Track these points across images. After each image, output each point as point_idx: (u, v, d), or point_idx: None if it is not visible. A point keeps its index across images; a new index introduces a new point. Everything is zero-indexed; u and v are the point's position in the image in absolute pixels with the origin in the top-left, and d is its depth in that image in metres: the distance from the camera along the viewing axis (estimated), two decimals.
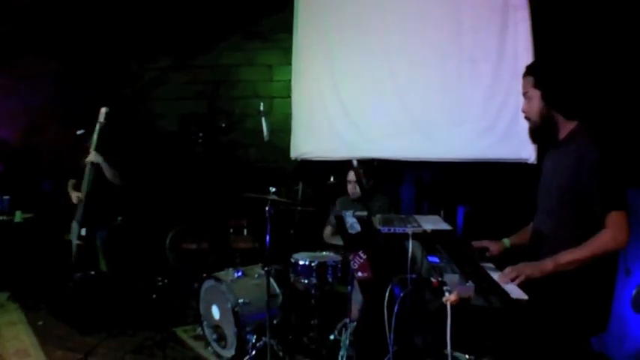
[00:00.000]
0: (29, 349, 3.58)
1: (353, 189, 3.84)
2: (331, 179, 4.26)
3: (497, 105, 3.42)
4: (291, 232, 4.27)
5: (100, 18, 5.46)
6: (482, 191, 3.71)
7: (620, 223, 1.84)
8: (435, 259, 1.94)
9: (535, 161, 3.19)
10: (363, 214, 2.10)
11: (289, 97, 5.01)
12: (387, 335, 1.94)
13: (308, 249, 3.76)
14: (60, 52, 5.47)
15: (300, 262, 3.41)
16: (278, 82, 5.57)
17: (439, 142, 3.70)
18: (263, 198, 3.32)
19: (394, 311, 1.86)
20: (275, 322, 3.40)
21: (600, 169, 1.86)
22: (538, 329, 1.92)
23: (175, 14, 5.56)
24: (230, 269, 3.61)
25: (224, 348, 3.44)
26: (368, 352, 2.98)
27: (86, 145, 4.06)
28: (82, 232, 4.04)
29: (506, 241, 2.30)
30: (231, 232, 4.92)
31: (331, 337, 3.40)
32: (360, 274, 2.20)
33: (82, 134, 4.07)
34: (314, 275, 3.37)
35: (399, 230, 1.97)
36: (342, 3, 4.36)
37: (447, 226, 2.07)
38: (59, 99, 5.43)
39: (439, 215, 2.57)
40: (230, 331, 3.36)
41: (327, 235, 4.04)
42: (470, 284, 1.68)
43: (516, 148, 3.29)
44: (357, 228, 2.09)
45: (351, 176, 3.82)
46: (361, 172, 3.70)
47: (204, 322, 3.61)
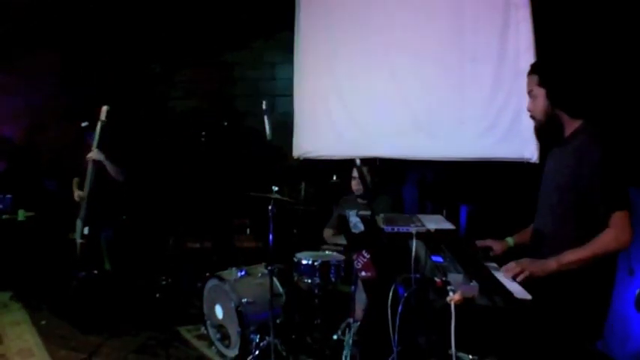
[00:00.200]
0: (33, 348, 3.58)
1: (357, 185, 3.83)
2: (334, 178, 4.26)
3: (499, 104, 3.42)
4: (294, 231, 4.26)
5: (102, 16, 5.46)
6: (484, 191, 3.70)
7: (623, 223, 1.83)
8: (439, 258, 1.93)
9: (537, 160, 3.19)
10: (366, 213, 2.11)
11: (292, 95, 5.00)
12: (391, 335, 1.94)
13: (311, 248, 3.75)
14: (61, 50, 5.47)
15: (303, 262, 3.41)
16: (281, 80, 5.56)
17: (441, 141, 3.70)
18: (266, 197, 3.31)
19: (398, 311, 1.86)
20: (278, 322, 3.40)
21: (601, 168, 1.84)
22: (542, 329, 1.91)
23: (178, 12, 5.56)
24: (233, 268, 3.60)
25: (227, 347, 3.44)
26: (371, 352, 2.96)
27: (89, 142, 4.06)
28: (85, 230, 4.04)
29: (510, 240, 2.29)
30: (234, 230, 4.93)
31: (334, 337, 3.38)
32: (364, 273, 2.21)
33: (86, 126, 4.06)
34: (317, 275, 3.36)
35: (402, 230, 1.96)
36: (344, 1, 4.35)
37: (450, 226, 2.06)
38: (61, 97, 5.43)
39: (442, 215, 2.57)
40: (233, 331, 3.35)
41: (327, 237, 4.02)
42: (474, 284, 1.67)
43: (519, 147, 3.29)
44: (361, 227, 2.10)
45: (355, 173, 3.82)
46: (364, 171, 3.70)
47: (207, 322, 3.60)
